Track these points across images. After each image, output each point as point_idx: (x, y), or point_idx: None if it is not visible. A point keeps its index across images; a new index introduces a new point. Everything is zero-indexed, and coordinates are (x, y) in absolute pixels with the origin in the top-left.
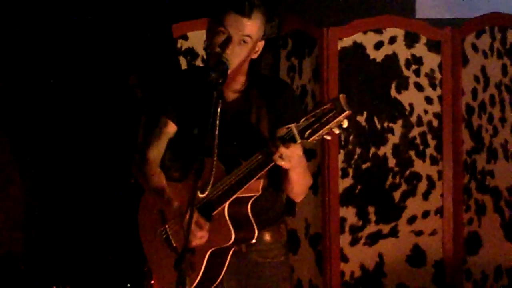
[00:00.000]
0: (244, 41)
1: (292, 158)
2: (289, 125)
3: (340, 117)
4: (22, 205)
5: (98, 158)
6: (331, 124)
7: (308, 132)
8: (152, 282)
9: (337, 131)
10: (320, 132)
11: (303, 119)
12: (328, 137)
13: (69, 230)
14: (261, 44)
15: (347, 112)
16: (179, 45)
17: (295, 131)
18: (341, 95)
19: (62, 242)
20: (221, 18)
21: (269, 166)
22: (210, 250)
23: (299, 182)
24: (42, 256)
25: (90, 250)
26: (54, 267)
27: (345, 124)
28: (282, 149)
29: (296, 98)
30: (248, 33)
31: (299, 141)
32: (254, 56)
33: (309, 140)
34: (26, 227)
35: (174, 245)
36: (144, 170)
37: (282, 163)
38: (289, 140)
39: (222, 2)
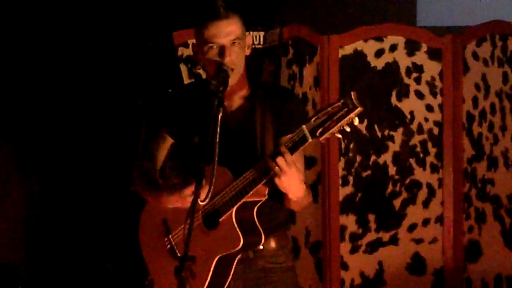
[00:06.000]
0: (234, 43)
1: (292, 165)
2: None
3: (352, 114)
4: (22, 211)
5: (99, 164)
6: (343, 121)
7: (319, 130)
8: None
9: (348, 129)
10: (332, 130)
11: (313, 118)
12: (339, 135)
13: (69, 238)
14: (249, 39)
15: (359, 108)
16: (180, 53)
17: (306, 131)
18: (352, 92)
19: (62, 251)
20: (204, 35)
21: None
22: (217, 257)
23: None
24: (43, 266)
25: (90, 259)
26: (54, 277)
27: (356, 121)
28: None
29: (302, 107)
30: (234, 34)
31: (310, 140)
32: (248, 52)
33: (321, 138)
34: (26, 235)
35: (179, 255)
36: (144, 180)
37: (285, 168)
38: (300, 140)
39: (197, 19)
